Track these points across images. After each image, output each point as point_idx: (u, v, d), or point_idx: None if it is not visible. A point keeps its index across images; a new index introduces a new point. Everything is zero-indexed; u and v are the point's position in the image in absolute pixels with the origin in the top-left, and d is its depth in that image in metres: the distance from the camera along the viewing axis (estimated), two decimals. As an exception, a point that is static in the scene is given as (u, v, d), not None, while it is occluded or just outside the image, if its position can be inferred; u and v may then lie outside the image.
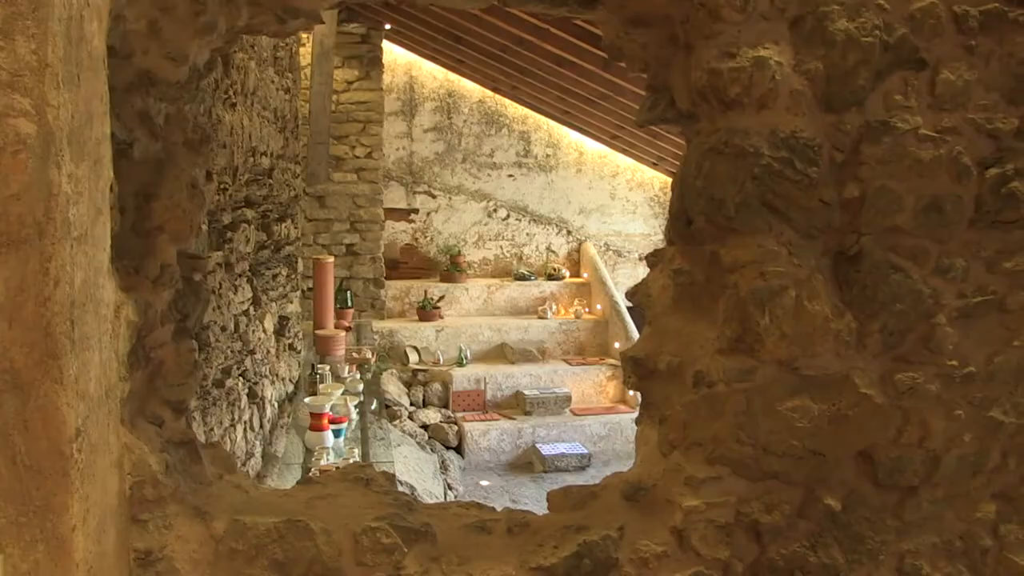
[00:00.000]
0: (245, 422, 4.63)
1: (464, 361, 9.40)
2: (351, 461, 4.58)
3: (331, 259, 7.46)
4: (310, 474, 4.34)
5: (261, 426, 5.08)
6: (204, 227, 3.71)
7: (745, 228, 1.75)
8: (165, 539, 1.79)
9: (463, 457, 8.56)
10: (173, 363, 1.99)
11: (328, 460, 4.63)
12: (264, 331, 5.26)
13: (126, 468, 1.75)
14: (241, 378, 4.58)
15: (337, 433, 5.08)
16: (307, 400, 5.14)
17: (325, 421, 4.91)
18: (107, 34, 1.66)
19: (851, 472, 1.90)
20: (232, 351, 4.35)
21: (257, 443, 4.94)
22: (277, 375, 5.88)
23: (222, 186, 4.08)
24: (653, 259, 2.23)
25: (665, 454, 1.97)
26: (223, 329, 4.16)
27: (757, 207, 1.74)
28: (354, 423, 5.53)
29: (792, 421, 1.80)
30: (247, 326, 4.71)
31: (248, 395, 4.77)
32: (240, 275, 4.60)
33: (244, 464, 4.57)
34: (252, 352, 4.86)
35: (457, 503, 2.20)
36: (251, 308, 4.83)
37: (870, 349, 1.81)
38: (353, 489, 2.08)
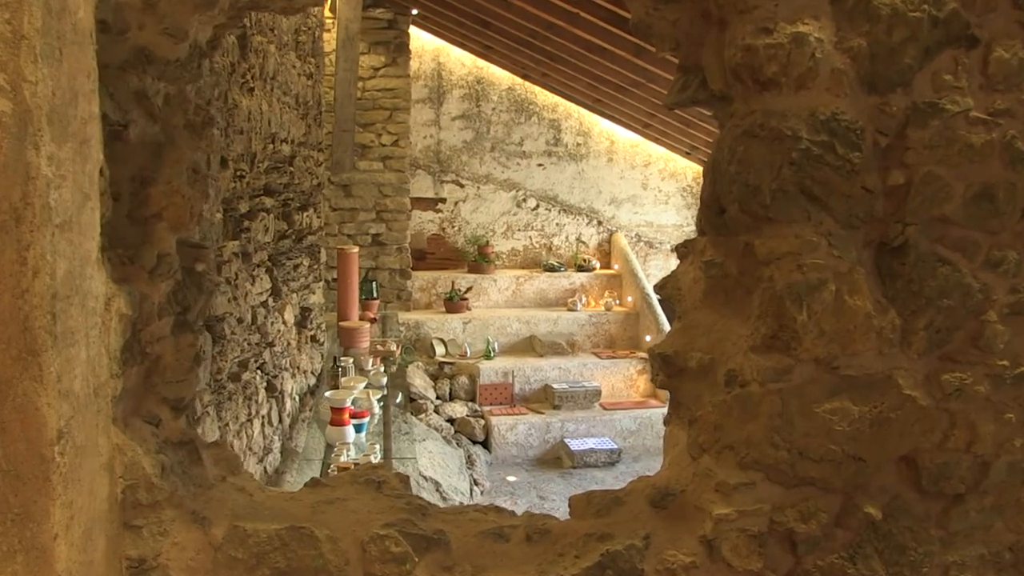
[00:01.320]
0: (263, 417, 4.55)
1: (492, 354, 9.29)
2: (372, 458, 4.48)
3: (356, 249, 7.36)
4: (330, 470, 4.25)
5: (280, 421, 5.00)
6: (219, 215, 3.62)
7: (782, 217, 1.63)
8: (160, 546, 1.69)
9: (490, 452, 8.46)
10: (172, 359, 1.89)
11: (348, 456, 4.54)
12: (284, 323, 5.18)
13: (118, 471, 1.65)
14: (259, 371, 4.50)
15: (358, 428, 4.98)
16: (328, 394, 5.05)
17: (346, 416, 4.82)
18: (96, 6, 1.56)
19: (893, 478, 1.78)
20: (249, 344, 4.26)
21: (276, 438, 4.85)
22: (298, 368, 5.79)
23: (238, 173, 3.99)
24: (684, 250, 2.12)
25: (695, 457, 1.86)
26: (239, 321, 4.07)
27: (795, 195, 1.62)
28: (376, 417, 5.43)
29: (831, 424, 1.68)
30: (265, 318, 4.62)
31: (267, 389, 4.68)
32: (258, 265, 4.51)
33: (262, 460, 4.49)
34: (271, 344, 4.77)
35: (475, 507, 2.09)
36: (270, 299, 4.74)
37: (915, 348, 1.69)
38: (364, 493, 1.97)
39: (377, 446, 4.72)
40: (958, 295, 1.66)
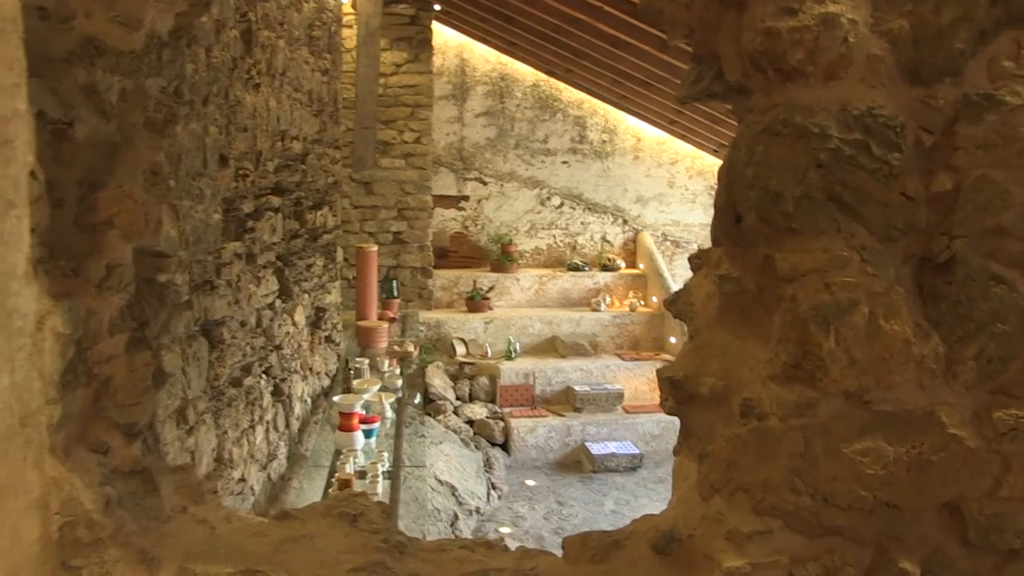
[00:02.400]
0: (267, 422, 4.38)
1: (513, 354, 9.09)
2: (379, 466, 4.30)
3: (374, 248, 7.22)
4: (333, 479, 4.07)
5: (287, 425, 4.83)
6: (217, 216, 3.45)
7: (807, 228, 1.43)
8: (101, 591, 1.50)
9: (509, 455, 8.27)
10: (124, 379, 1.71)
11: (355, 464, 4.36)
12: (294, 324, 5.01)
13: (53, 507, 1.47)
14: (264, 375, 4.33)
15: (368, 434, 4.82)
16: (336, 399, 4.88)
17: (355, 421, 4.65)
18: (28, -11, 1.38)
19: (934, 528, 1.57)
20: (253, 347, 4.10)
21: (282, 444, 4.69)
22: (310, 369, 5.63)
23: (242, 172, 3.82)
24: (697, 262, 1.91)
25: (705, 497, 1.67)
26: (242, 324, 3.90)
27: (822, 202, 1.42)
28: (389, 422, 5.26)
29: (861, 466, 1.47)
30: (272, 320, 4.46)
31: (273, 393, 4.52)
32: (264, 267, 4.35)
33: (265, 467, 4.32)
34: (278, 347, 4.61)
35: (461, 542, 1.90)
36: (277, 301, 4.57)
37: (961, 380, 1.47)
38: (336, 527, 1.78)
39: (386, 453, 4.54)
40: (1015, 319, 1.44)
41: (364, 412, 4.89)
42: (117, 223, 1.65)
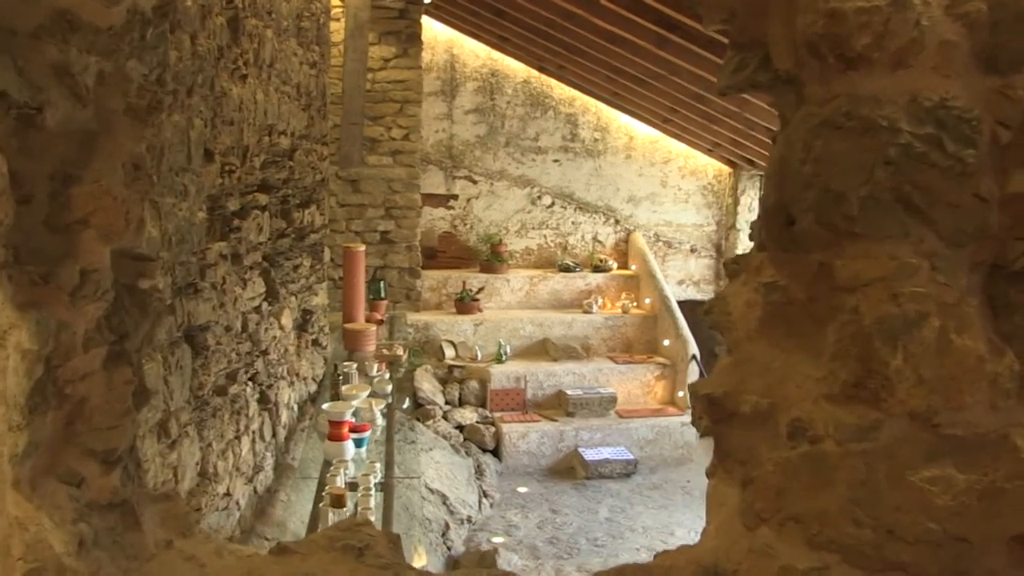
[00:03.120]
0: (254, 432, 4.20)
1: (503, 357, 8.92)
2: (371, 478, 4.12)
3: (362, 247, 7.01)
4: (323, 493, 3.89)
5: (274, 435, 4.65)
6: (202, 214, 3.26)
7: (872, 232, 1.28)
8: (72, 644, 1.33)
9: (500, 461, 8.09)
10: (101, 400, 1.53)
11: (347, 475, 4.18)
12: (281, 328, 4.83)
13: (16, 551, 1.30)
14: (250, 383, 4.15)
15: (359, 443, 4.63)
16: (325, 406, 4.69)
17: (345, 430, 4.46)
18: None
19: (1003, 563, 1.42)
20: (239, 354, 3.91)
21: (268, 454, 4.51)
22: (297, 375, 5.45)
23: (227, 168, 3.64)
24: (735, 267, 1.76)
25: (750, 528, 1.51)
26: (227, 329, 3.72)
27: (889, 203, 1.27)
28: (379, 429, 5.07)
29: (929, 496, 1.32)
30: (258, 324, 4.27)
31: (259, 401, 4.34)
32: (251, 268, 4.16)
33: (251, 480, 4.14)
34: (265, 353, 4.42)
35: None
36: (264, 304, 4.39)
37: (1039, 401, 1.32)
38: (340, 563, 1.61)
39: (378, 464, 4.36)
40: (1099, 334, 1.29)
41: (354, 420, 4.71)
42: (94, 222, 1.47)
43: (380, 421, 5.14)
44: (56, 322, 1.39)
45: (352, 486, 4.21)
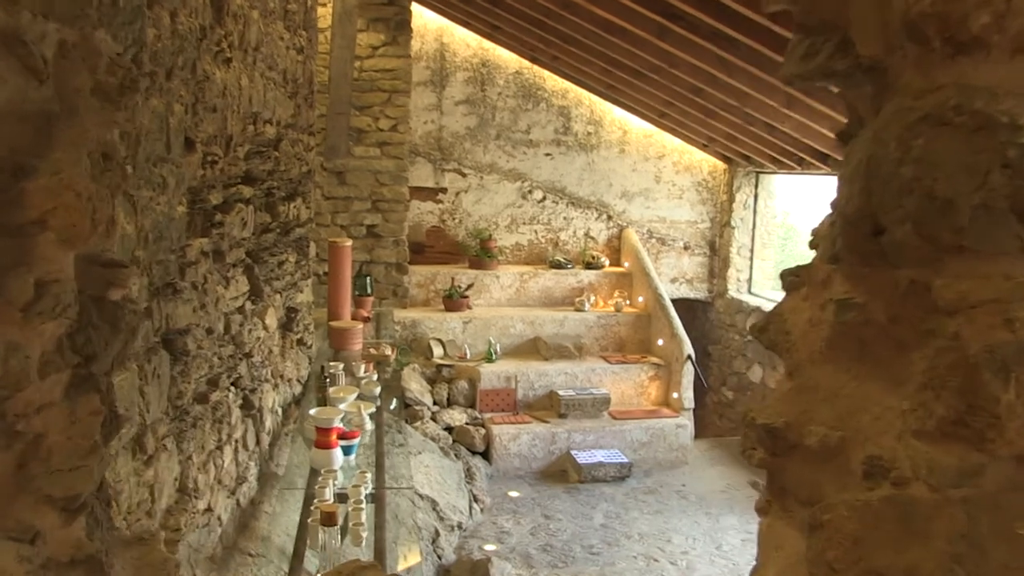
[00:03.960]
0: (237, 441, 3.92)
1: (493, 356, 8.65)
2: (362, 489, 3.85)
3: (349, 242, 6.73)
4: (312, 506, 3.62)
5: (258, 442, 4.38)
6: (182, 208, 2.98)
7: (984, 247, 1.08)
8: None
9: (491, 464, 7.84)
10: (62, 436, 1.26)
11: (335, 485, 3.91)
12: (265, 328, 4.55)
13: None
14: (233, 388, 3.88)
15: (347, 451, 4.37)
16: (312, 412, 4.42)
17: (333, 437, 4.19)
18: None
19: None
20: (221, 357, 3.64)
21: (252, 464, 4.23)
22: (281, 376, 5.17)
23: (210, 158, 3.36)
24: (793, 280, 1.56)
25: (821, 582, 1.26)
26: (209, 332, 3.44)
27: (1005, 214, 1.07)
28: (368, 434, 4.81)
29: (1043, 552, 1.12)
30: (242, 325, 4.00)
31: (242, 407, 4.06)
32: (234, 265, 3.89)
33: (234, 492, 3.87)
34: (248, 355, 4.15)
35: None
36: (248, 303, 4.11)
37: None
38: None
39: (368, 475, 4.09)
40: None
41: (343, 426, 4.44)
42: (52, 223, 1.21)
43: (369, 425, 4.88)
44: (4, 345, 1.13)
45: (342, 497, 3.96)
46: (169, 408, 2.95)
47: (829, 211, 1.54)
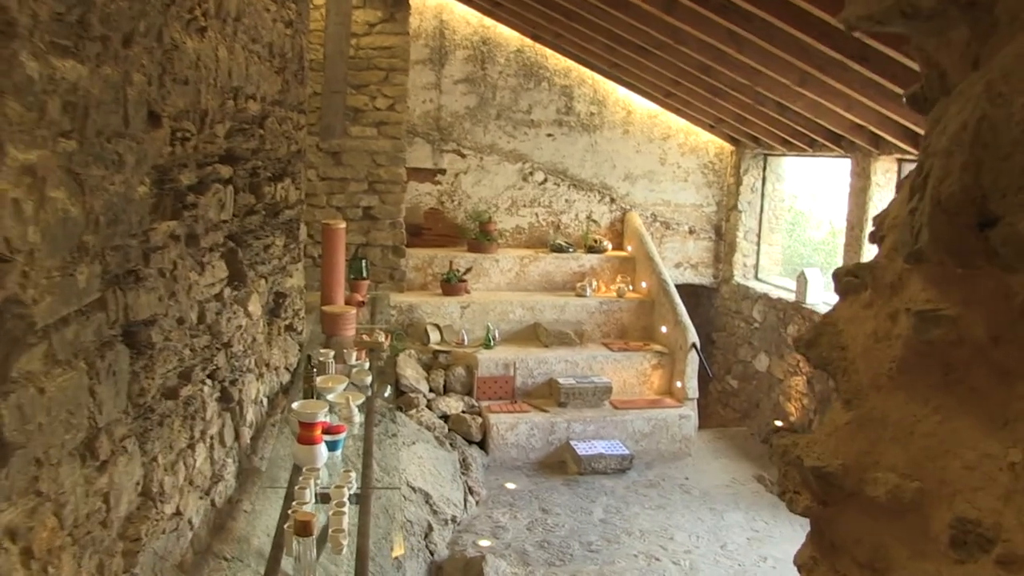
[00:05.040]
0: (212, 437, 3.68)
1: (491, 342, 8.41)
2: (346, 490, 3.62)
3: (343, 224, 6.47)
4: (289, 517, 3.38)
5: (237, 437, 4.14)
6: (144, 188, 2.73)
7: None
8: None
9: (487, 454, 7.60)
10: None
11: (315, 489, 3.67)
12: (248, 315, 4.30)
13: None
14: (208, 381, 3.63)
15: (333, 446, 4.12)
16: (295, 405, 4.17)
17: (318, 432, 3.95)
18: None
19: None
20: (194, 349, 3.39)
21: (230, 461, 3.99)
22: (267, 365, 4.93)
23: (180, 135, 3.09)
24: (852, 281, 1.32)
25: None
26: (180, 322, 3.19)
27: None
28: (357, 427, 4.57)
29: None
30: (219, 313, 3.75)
31: (219, 400, 3.82)
32: (210, 250, 3.63)
33: (208, 493, 3.63)
34: (227, 345, 3.90)
35: None
36: (226, 290, 3.86)
37: None
38: None
39: (353, 474, 3.85)
40: None
41: (329, 420, 4.20)
42: None
43: (358, 418, 4.64)
44: None
45: (324, 498, 3.72)
46: (129, 407, 2.71)
47: (899, 193, 1.28)
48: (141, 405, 2.82)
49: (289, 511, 3.42)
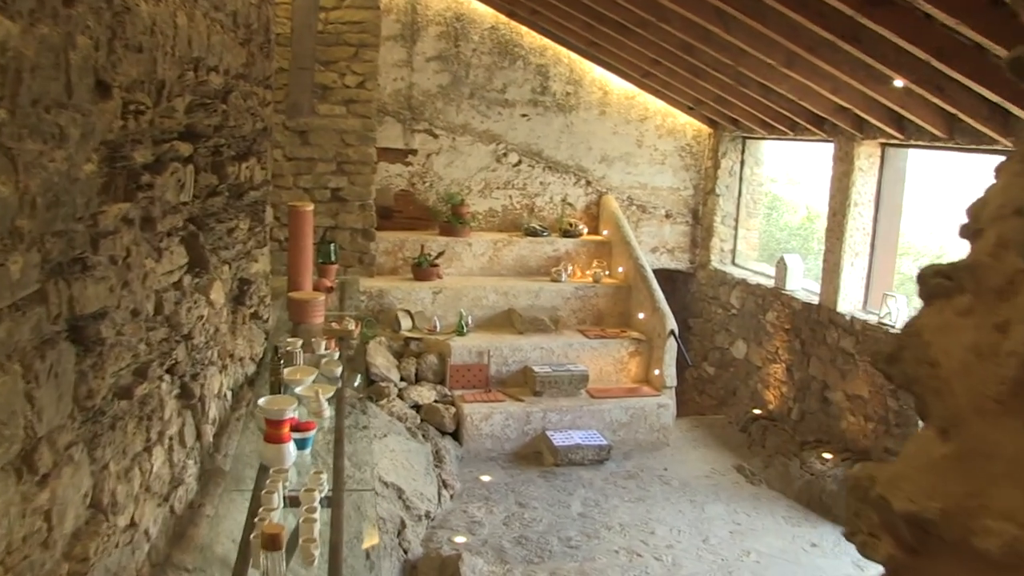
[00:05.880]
0: (171, 438, 3.40)
1: (464, 329, 8.15)
2: (316, 494, 3.35)
3: (310, 206, 6.17)
4: (255, 527, 3.11)
5: (199, 436, 3.85)
6: (91, 166, 2.44)
7: None
8: None
9: (461, 445, 7.36)
10: None
11: (284, 492, 3.41)
12: (210, 304, 4.01)
13: None
14: (167, 377, 3.34)
15: (302, 444, 3.86)
16: (261, 401, 3.89)
17: (286, 431, 3.68)
18: None
19: None
20: (150, 343, 3.10)
21: (191, 462, 3.71)
22: (232, 356, 4.64)
23: (134, 108, 2.80)
24: (944, 284, 1.09)
25: None
26: (134, 314, 2.91)
27: None
28: (327, 421, 4.30)
29: None
30: (178, 303, 3.46)
31: (179, 396, 3.53)
32: (168, 234, 3.34)
33: (167, 500, 3.35)
34: (188, 337, 3.61)
35: None
36: (186, 278, 3.57)
37: None
38: None
39: (324, 475, 3.58)
40: None
41: (297, 417, 3.92)
42: None
43: (328, 412, 4.37)
44: None
45: (293, 501, 3.46)
46: (76, 411, 2.43)
47: (1000, 179, 1.04)
48: (90, 408, 2.53)
49: (256, 519, 3.14)
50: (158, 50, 3.04)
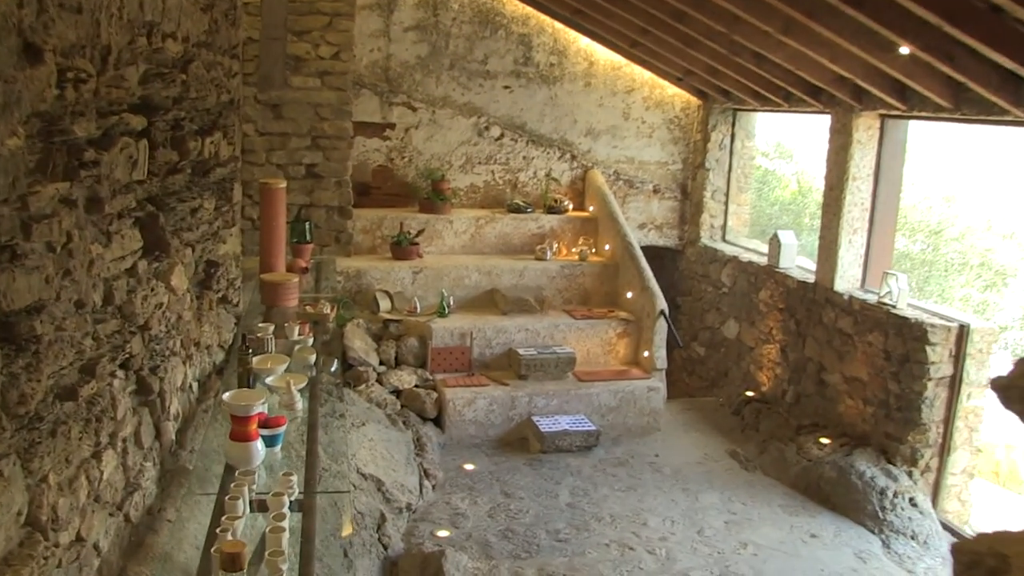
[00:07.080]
0: (124, 440, 3.10)
1: (446, 310, 7.84)
2: (286, 497, 3.06)
3: (283, 183, 5.84)
4: (216, 541, 2.81)
5: (158, 434, 3.56)
6: (19, 140, 2.13)
7: None
8: None
9: (443, 432, 7.07)
10: None
11: (250, 496, 3.12)
12: (171, 291, 3.71)
13: None
14: (120, 372, 3.04)
15: (271, 441, 3.56)
16: (226, 396, 3.57)
17: (253, 428, 3.38)
18: None
19: None
20: (98, 337, 2.80)
21: (149, 464, 3.41)
22: (197, 345, 4.34)
23: (73, 76, 2.48)
24: None
25: None
26: (79, 306, 2.61)
27: None
28: (300, 415, 4.00)
29: None
30: (132, 291, 3.15)
31: (135, 393, 3.24)
32: (119, 216, 3.03)
33: (120, 508, 3.05)
34: (144, 328, 3.31)
35: None
36: (141, 263, 3.26)
37: None
38: None
39: (295, 477, 3.29)
40: None
41: (266, 411, 3.62)
42: None
43: (300, 405, 4.06)
44: None
45: (261, 506, 3.17)
46: (5, 419, 2.13)
47: None
48: (23, 415, 2.24)
49: (218, 530, 2.85)
50: (101, 11, 2.72)
